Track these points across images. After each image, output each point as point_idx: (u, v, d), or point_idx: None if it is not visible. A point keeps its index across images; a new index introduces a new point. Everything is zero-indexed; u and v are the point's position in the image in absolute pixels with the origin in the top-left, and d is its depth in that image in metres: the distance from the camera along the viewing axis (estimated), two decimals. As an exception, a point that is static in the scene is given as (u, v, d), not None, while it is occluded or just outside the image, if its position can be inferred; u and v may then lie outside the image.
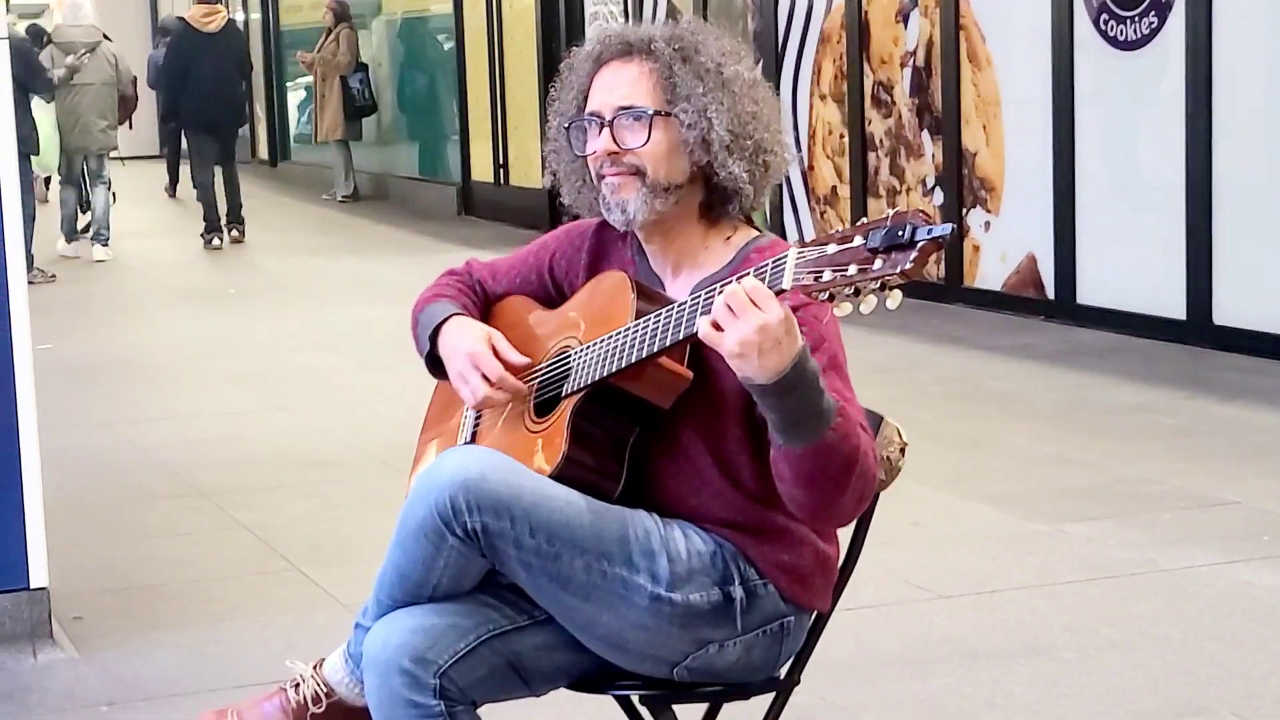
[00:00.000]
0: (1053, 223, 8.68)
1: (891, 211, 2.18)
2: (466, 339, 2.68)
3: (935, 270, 9.56)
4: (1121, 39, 8.22)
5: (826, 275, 2.19)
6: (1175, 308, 7.94)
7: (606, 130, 2.59)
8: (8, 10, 4.34)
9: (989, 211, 9.18)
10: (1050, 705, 3.80)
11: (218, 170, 13.78)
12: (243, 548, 5.19)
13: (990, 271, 9.20)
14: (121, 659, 4.22)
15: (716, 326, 2.30)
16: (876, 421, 2.68)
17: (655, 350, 2.44)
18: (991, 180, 9.14)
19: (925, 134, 9.59)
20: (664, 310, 2.45)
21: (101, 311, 10.34)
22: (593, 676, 2.62)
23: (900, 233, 2.15)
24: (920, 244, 2.13)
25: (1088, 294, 8.53)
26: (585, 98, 2.64)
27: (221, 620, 4.51)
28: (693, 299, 2.41)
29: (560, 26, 13.76)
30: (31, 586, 4.22)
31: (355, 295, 10.54)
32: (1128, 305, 8.26)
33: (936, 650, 4.15)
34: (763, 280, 2.29)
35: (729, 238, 2.64)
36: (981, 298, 9.20)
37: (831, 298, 2.19)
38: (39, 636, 4.22)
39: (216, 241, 13.69)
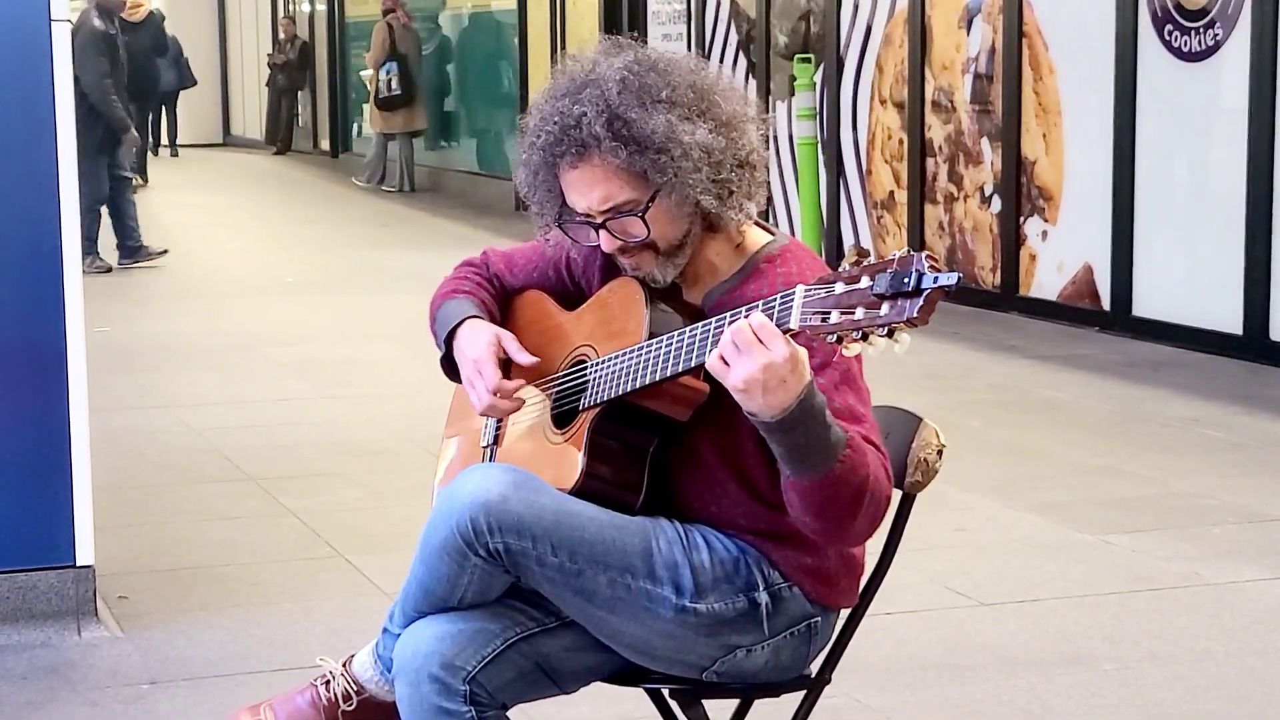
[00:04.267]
0: (1110, 233, 8.64)
1: (898, 254, 2.15)
2: (475, 345, 2.68)
3: (991, 278, 9.53)
4: (1185, 50, 8.18)
5: (834, 317, 2.18)
6: (1232, 322, 7.89)
7: (604, 232, 2.56)
8: None
9: (1046, 220, 9.15)
10: (1088, 715, 3.78)
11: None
12: (290, 533, 5.23)
13: (1046, 281, 9.16)
14: (164, 639, 4.26)
15: (724, 360, 2.30)
16: (915, 423, 2.68)
17: (669, 375, 2.44)
18: (1050, 189, 9.11)
19: (985, 141, 9.56)
20: (678, 333, 2.44)
21: (161, 297, 10.43)
22: (623, 673, 2.63)
23: (906, 279, 2.12)
24: (926, 292, 2.11)
25: (1144, 306, 8.49)
26: (559, 190, 2.59)
27: (265, 604, 4.55)
28: (704, 326, 2.39)
29: (623, 23, 13.79)
30: (78, 564, 4.27)
31: (411, 286, 10.57)
32: (1184, 319, 8.21)
33: (975, 657, 4.15)
34: (770, 317, 2.28)
35: (739, 244, 2.61)
36: (1037, 307, 9.17)
37: (839, 340, 2.18)
38: (84, 614, 4.27)
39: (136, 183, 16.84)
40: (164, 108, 22.12)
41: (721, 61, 12.32)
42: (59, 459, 4.22)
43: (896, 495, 2.69)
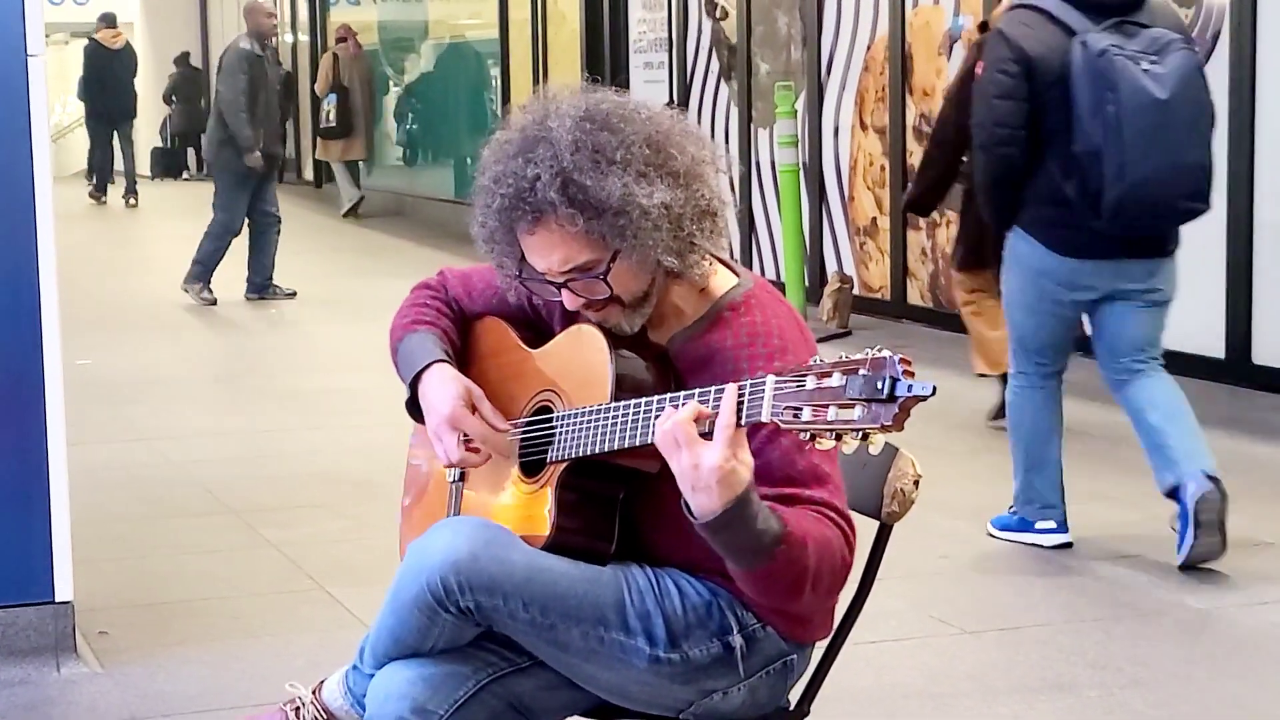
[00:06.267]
0: (1093, 258, 8.63)
1: (870, 355, 2.12)
2: (446, 397, 2.64)
3: (974, 303, 9.52)
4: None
5: (805, 414, 2.14)
6: (1214, 346, 7.89)
7: (567, 291, 2.53)
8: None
9: (1029, 245, 9.13)
10: (1071, 743, 3.78)
11: (117, 150, 19.84)
12: (270, 566, 5.21)
13: (1029, 305, 9.14)
14: (144, 674, 4.24)
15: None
16: (891, 454, 2.67)
17: (638, 444, 2.40)
18: (1032, 214, 9.09)
19: (967, 167, 9.56)
20: (646, 401, 2.40)
21: (142, 329, 10.41)
22: (599, 709, 2.62)
23: (880, 385, 2.09)
24: (901, 400, 2.08)
25: (1127, 330, 8.47)
26: (519, 249, 2.55)
27: (246, 638, 4.53)
28: (672, 399, 2.36)
29: (604, 52, 13.81)
30: (56, 600, 4.24)
31: (367, 317, 10.56)
32: (1166, 343, 8.17)
33: (959, 685, 4.13)
34: (740, 407, 2.23)
35: (703, 289, 2.58)
36: (1020, 332, 9.14)
37: (812, 437, 2.15)
38: (63, 650, 4.24)
39: (103, 199, 19.83)
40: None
41: (703, 90, 12.34)
42: (38, 493, 4.20)
43: (874, 526, 2.69)
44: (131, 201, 19.47)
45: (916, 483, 2.64)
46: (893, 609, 4.52)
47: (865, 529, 2.68)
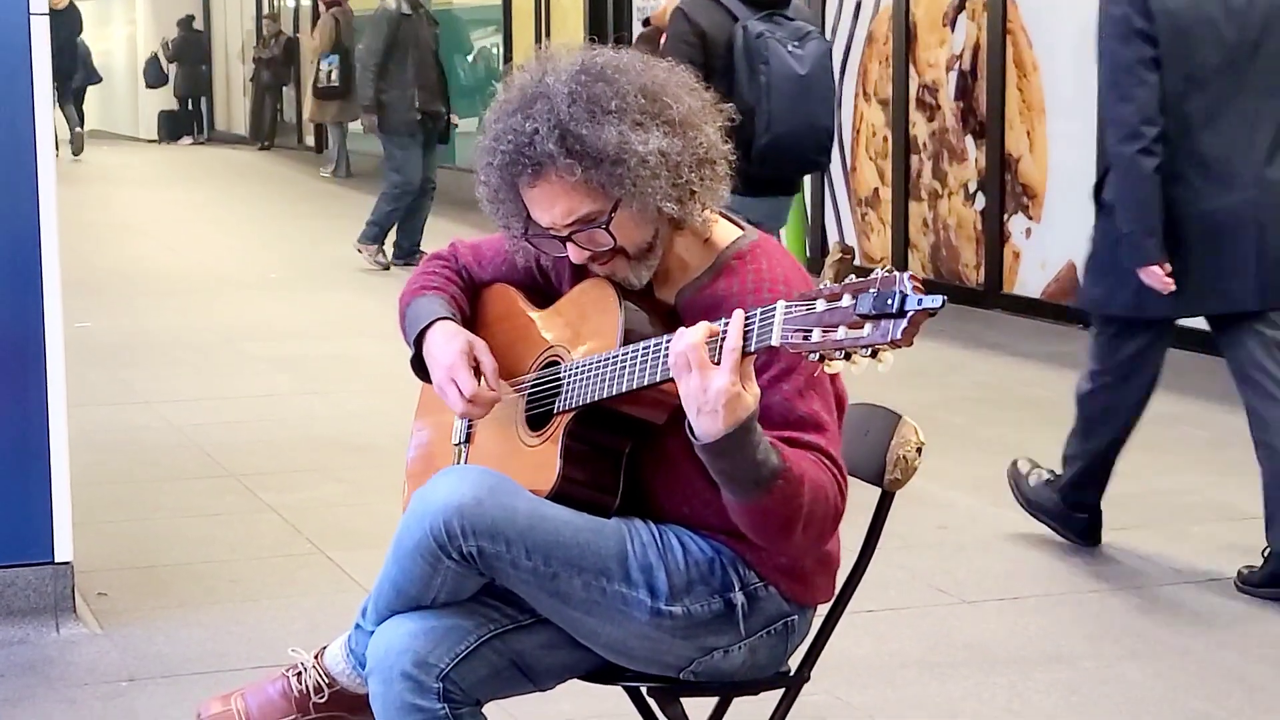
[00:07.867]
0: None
1: (880, 273, 2.12)
2: (448, 350, 2.66)
3: (975, 275, 9.53)
4: (1169, 48, 8.16)
5: (815, 336, 2.15)
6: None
7: (571, 244, 2.55)
8: None
9: (1030, 218, 9.15)
10: (1067, 713, 3.78)
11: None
12: (270, 529, 5.21)
13: (1030, 278, 9.17)
14: (144, 636, 4.25)
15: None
16: (894, 420, 2.67)
17: (645, 384, 2.42)
18: (1034, 186, 9.11)
19: (969, 138, 9.56)
20: (654, 343, 2.41)
21: (141, 292, 10.40)
22: (599, 671, 2.62)
23: (890, 300, 2.09)
24: (910, 314, 2.09)
25: (1127, 303, 8.46)
26: (523, 205, 2.57)
27: (245, 601, 4.54)
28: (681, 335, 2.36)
29: (608, 19, 13.77)
30: (56, 561, 4.25)
31: (393, 281, 10.56)
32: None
33: (956, 654, 4.14)
34: (750, 332, 2.25)
35: (707, 239, 2.59)
36: (1020, 304, 9.17)
37: (822, 358, 2.16)
38: (62, 610, 4.25)
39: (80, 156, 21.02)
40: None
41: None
42: (38, 455, 4.20)
43: (875, 493, 2.69)
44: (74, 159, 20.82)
45: (919, 450, 2.65)
46: (891, 578, 4.53)
47: (868, 496, 2.68)
